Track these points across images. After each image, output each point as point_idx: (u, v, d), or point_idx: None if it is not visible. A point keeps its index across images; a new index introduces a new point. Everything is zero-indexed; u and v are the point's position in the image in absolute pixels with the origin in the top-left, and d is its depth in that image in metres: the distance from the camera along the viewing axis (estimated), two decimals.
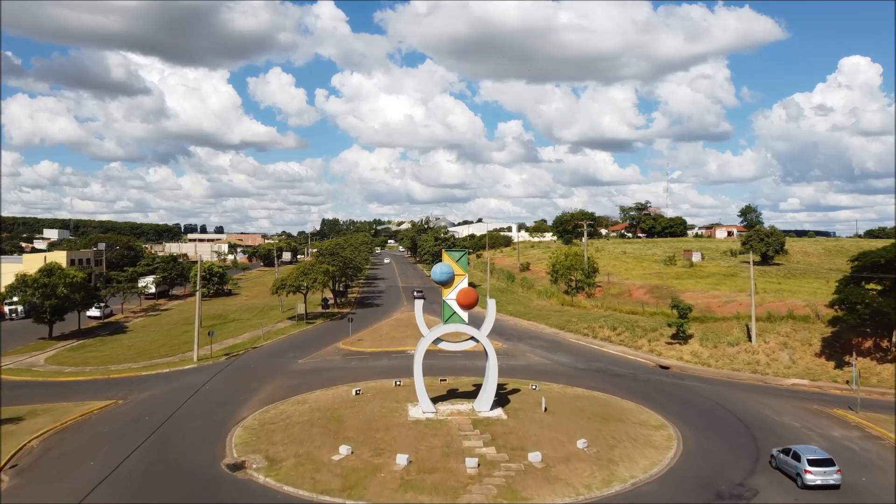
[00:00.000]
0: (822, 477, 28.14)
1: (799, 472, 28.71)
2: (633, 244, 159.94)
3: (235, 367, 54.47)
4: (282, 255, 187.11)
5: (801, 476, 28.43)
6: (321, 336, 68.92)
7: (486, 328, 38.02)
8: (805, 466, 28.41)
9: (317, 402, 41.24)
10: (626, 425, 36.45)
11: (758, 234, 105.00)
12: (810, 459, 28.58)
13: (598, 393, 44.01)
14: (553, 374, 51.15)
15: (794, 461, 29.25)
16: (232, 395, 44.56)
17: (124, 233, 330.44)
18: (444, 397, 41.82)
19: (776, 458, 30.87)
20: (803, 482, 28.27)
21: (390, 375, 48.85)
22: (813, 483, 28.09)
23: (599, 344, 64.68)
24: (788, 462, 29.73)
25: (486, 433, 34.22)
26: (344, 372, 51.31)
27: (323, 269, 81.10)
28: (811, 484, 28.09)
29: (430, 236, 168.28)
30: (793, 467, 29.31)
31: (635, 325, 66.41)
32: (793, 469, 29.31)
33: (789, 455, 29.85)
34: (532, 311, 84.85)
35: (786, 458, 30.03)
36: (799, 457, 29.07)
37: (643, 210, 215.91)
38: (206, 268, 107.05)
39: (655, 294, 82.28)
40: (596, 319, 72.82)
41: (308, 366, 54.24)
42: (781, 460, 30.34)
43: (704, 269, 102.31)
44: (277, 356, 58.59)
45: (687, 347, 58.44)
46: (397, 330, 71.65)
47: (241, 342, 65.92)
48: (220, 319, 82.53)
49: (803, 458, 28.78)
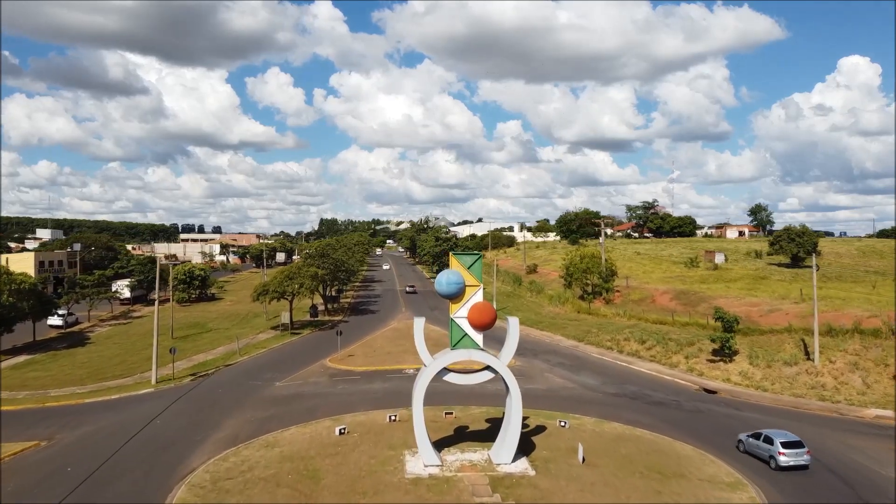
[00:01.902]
0: (794, 458, 29.53)
1: (773, 454, 30.06)
2: (643, 244, 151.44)
3: (199, 392, 45.70)
4: (275, 255, 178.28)
5: (775, 458, 29.80)
6: (306, 350, 60.15)
7: (508, 355, 29.29)
8: (779, 449, 29.73)
9: (289, 447, 32.50)
10: (692, 484, 27.71)
11: (788, 234, 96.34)
12: (783, 442, 29.94)
13: (643, 431, 35.24)
14: (581, 401, 42.43)
15: (767, 445, 30.52)
16: (186, 432, 35.82)
17: (119, 233, 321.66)
18: (451, 440, 33.10)
19: (745, 443, 32.07)
20: (777, 464, 29.66)
21: (384, 405, 40.17)
22: (786, 464, 29.50)
23: (627, 360, 55.95)
24: (760, 446, 30.99)
25: (510, 499, 25.51)
26: (328, 399, 42.58)
27: (311, 272, 72.30)
28: (784, 465, 29.50)
29: (430, 236, 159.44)
30: (765, 450, 30.60)
31: (667, 338, 57.70)
32: (765, 452, 30.58)
33: (760, 439, 31.10)
34: (545, 320, 76.10)
35: (757, 442, 31.25)
36: (772, 440, 30.38)
37: (650, 209, 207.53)
38: (186, 270, 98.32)
39: (683, 300, 73.67)
40: (619, 330, 64.10)
41: (286, 390, 45.50)
42: (752, 444, 31.59)
43: (730, 271, 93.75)
44: (252, 377, 49.83)
45: (734, 366, 49.71)
46: (394, 343, 62.89)
47: (212, 358, 57.11)
48: (196, 329, 73.75)
49: (776, 441, 30.09)
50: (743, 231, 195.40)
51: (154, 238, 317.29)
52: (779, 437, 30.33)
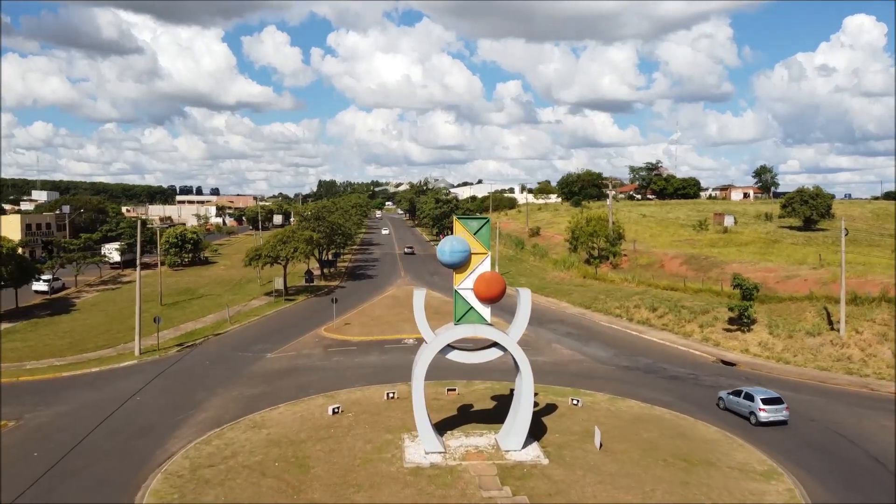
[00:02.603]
0: (773, 414, 30.33)
1: (753, 410, 30.74)
2: (647, 206, 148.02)
3: (185, 364, 42.96)
4: (273, 218, 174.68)
5: (756, 414, 30.54)
6: (301, 318, 57.32)
7: (518, 330, 26.27)
8: (759, 405, 30.42)
9: (278, 428, 29.78)
10: (721, 473, 25.00)
11: (800, 196, 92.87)
12: (763, 399, 30.65)
13: (662, 410, 32.53)
14: (592, 376, 39.72)
15: (748, 401, 31.13)
16: (168, 411, 33.12)
17: (116, 195, 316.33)
18: (455, 420, 30.38)
19: (725, 400, 32.74)
20: (757, 419, 30.43)
21: (381, 379, 37.48)
22: (766, 420, 30.28)
23: (637, 329, 53.21)
24: (741, 403, 31.54)
25: (522, 493, 22.82)
26: (322, 374, 39.85)
27: (305, 236, 69.07)
28: (765, 420, 30.28)
29: (429, 198, 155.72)
30: (746, 407, 31.20)
31: (679, 306, 54.86)
32: (746, 409, 31.22)
33: (741, 396, 31.69)
34: (549, 286, 73.21)
35: (738, 399, 31.81)
36: (752, 397, 31.04)
37: (654, 170, 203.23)
38: (178, 233, 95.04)
39: (694, 266, 70.67)
40: (628, 297, 61.26)
41: (277, 363, 42.76)
42: (732, 401, 32.17)
43: (740, 235, 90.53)
44: (242, 347, 47.07)
45: (752, 336, 46.95)
46: (392, 311, 60.06)
47: (202, 327, 54.31)
48: (187, 295, 70.90)
49: (757, 398, 30.78)
50: (748, 193, 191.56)
51: (151, 200, 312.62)
52: (759, 394, 31.07)
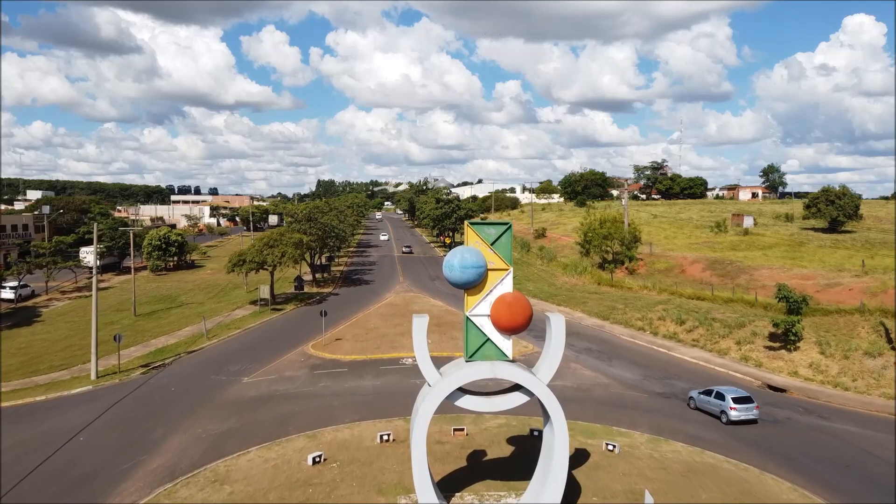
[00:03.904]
0: (744, 413, 30.45)
1: (724, 409, 30.79)
2: (655, 206, 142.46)
3: (148, 390, 37.00)
4: (268, 218, 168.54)
5: (727, 412, 30.58)
6: (287, 332, 51.39)
7: (550, 368, 20.27)
8: (730, 404, 30.54)
9: (244, 485, 23.84)
10: None
11: (826, 196, 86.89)
12: (734, 398, 30.76)
13: (716, 457, 26.57)
14: (623, 405, 33.81)
15: (719, 400, 31.12)
16: (116, 454, 27.19)
17: (112, 194, 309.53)
18: (465, 475, 24.41)
19: (696, 400, 32.69)
20: (728, 418, 30.49)
21: (375, 411, 31.60)
22: (737, 418, 30.36)
23: (665, 345, 47.33)
24: (712, 402, 31.51)
25: None
26: (305, 403, 33.92)
27: (294, 239, 63.11)
28: (735, 419, 30.36)
29: (429, 198, 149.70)
30: (717, 406, 31.14)
31: (710, 318, 49.01)
32: (717, 408, 31.15)
33: (712, 395, 31.60)
34: (560, 292, 67.27)
35: (708, 398, 31.77)
36: (723, 396, 31.11)
37: (659, 169, 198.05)
38: (162, 235, 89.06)
39: (718, 271, 64.80)
40: (650, 306, 55.37)
41: (255, 389, 36.82)
42: (703, 401, 32.13)
43: (762, 237, 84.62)
44: (216, 369, 41.13)
45: (800, 356, 41.07)
46: (390, 321, 54.09)
47: (175, 342, 48.36)
48: (165, 304, 64.94)
49: (728, 397, 30.89)
50: (756, 193, 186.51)
51: (148, 199, 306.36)
52: (730, 393, 31.33)
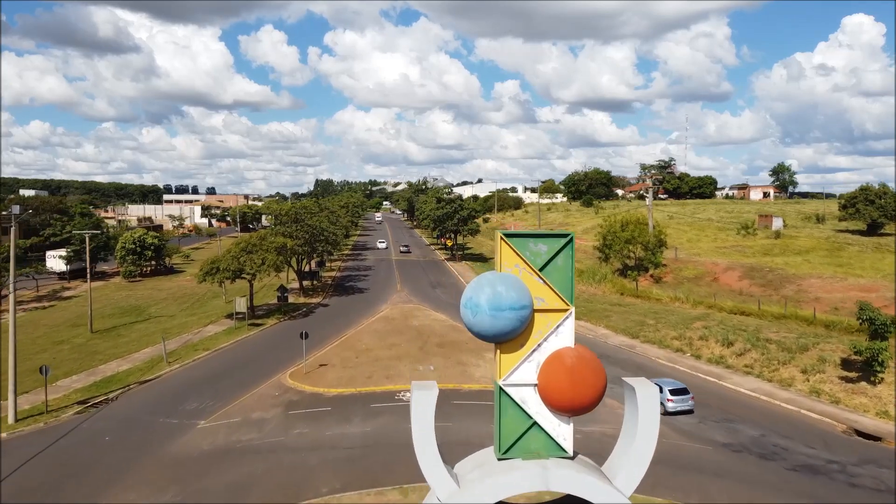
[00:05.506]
0: (681, 404, 31.53)
1: (661, 401, 29.90)
2: (667, 206, 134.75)
3: (75, 440, 29.27)
4: (261, 218, 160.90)
5: (664, 404, 30.93)
6: (262, 355, 43.66)
7: (633, 479, 12.52)
8: (668, 396, 31.37)
9: None
10: None
11: (865, 195, 79.23)
12: (671, 390, 31.81)
13: None
14: (681, 463, 26.09)
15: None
16: None
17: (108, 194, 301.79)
18: None
19: None
20: (666, 410, 30.95)
21: (362, 475, 23.89)
22: (674, 409, 31.31)
23: (713, 372, 39.65)
24: None
25: None
26: (272, 461, 26.18)
27: (277, 244, 55.40)
28: (672, 410, 31.24)
29: (430, 197, 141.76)
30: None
31: (762, 339, 41.41)
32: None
33: None
34: (579, 304, 59.43)
35: None
36: (661, 388, 30.87)
37: (666, 168, 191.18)
38: (136, 238, 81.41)
39: (758, 280, 57.21)
40: (686, 323, 47.78)
41: (211, 438, 29.08)
42: None
43: (795, 240, 76.97)
44: (168, 408, 33.37)
45: (887, 391, 33.42)
46: (385, 340, 46.38)
47: (127, 368, 40.59)
48: (131, 317, 57.24)
49: (665, 389, 31.62)
50: (767, 192, 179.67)
51: (144, 199, 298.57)
52: (667, 385, 32.06)
